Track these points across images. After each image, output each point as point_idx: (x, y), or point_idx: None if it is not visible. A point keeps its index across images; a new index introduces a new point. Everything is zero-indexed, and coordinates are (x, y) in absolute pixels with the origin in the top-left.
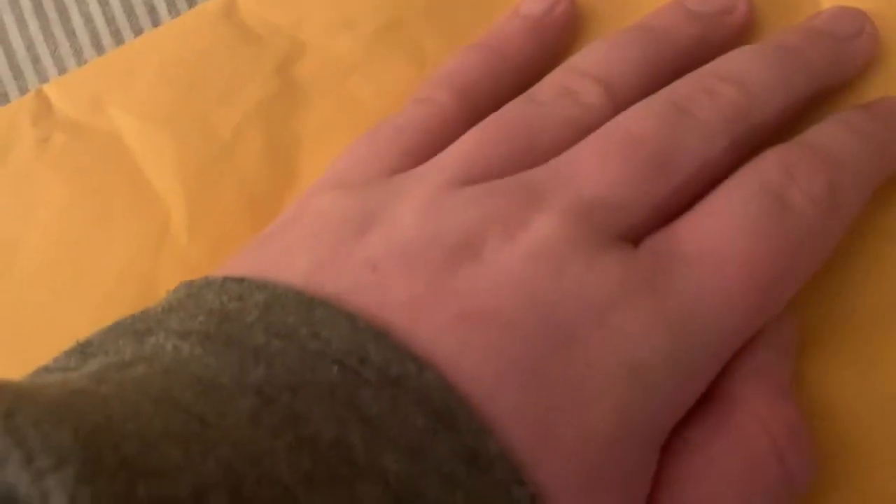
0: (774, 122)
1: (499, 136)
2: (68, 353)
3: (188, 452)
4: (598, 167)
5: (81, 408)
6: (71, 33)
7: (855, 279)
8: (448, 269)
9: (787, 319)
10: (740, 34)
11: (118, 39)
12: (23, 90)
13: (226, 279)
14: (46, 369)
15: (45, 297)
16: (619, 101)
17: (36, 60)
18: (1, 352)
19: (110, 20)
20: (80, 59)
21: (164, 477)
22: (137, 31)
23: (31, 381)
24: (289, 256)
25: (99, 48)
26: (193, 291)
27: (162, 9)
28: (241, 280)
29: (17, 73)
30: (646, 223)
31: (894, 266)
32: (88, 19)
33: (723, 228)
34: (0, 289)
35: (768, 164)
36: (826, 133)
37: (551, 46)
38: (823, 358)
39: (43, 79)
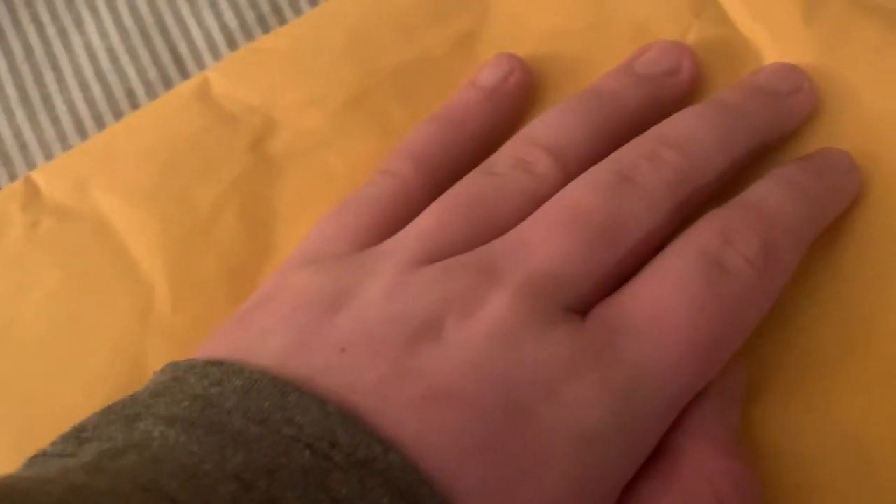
0: (717, 181)
1: (458, 211)
2: (65, 438)
3: None
4: (546, 242)
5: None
6: (55, 119)
7: (801, 324)
8: (411, 349)
9: (733, 368)
10: (687, 92)
11: (100, 124)
12: (12, 176)
13: (206, 363)
14: (45, 454)
15: (39, 376)
16: (571, 169)
17: (23, 147)
18: None
19: (91, 104)
20: (65, 144)
21: None
22: (118, 115)
23: (33, 476)
24: (263, 338)
25: (82, 133)
26: (178, 375)
27: (140, 92)
28: (220, 364)
29: (6, 160)
30: (593, 292)
31: (840, 309)
32: (71, 105)
33: (664, 297)
34: None
35: (706, 229)
36: (762, 191)
37: (507, 115)
38: (775, 401)
39: (31, 164)
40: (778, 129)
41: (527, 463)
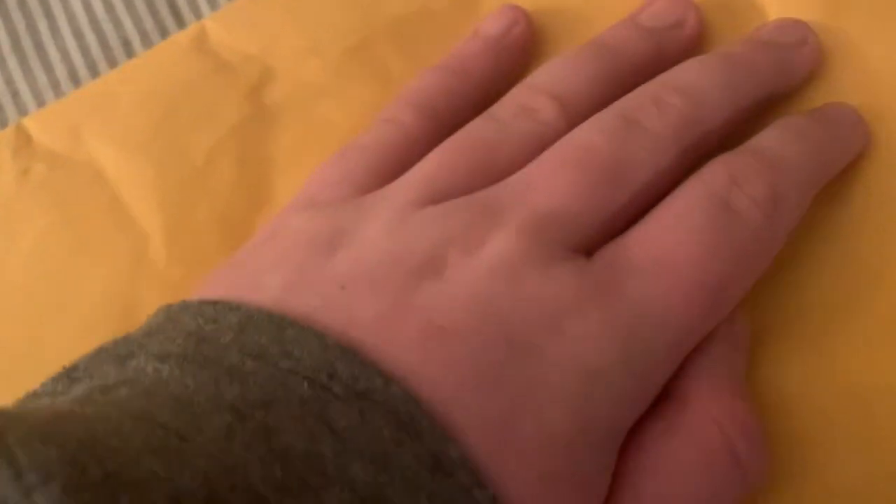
0: (722, 129)
1: (460, 155)
2: (55, 379)
3: (167, 464)
4: (551, 182)
5: (66, 428)
6: (48, 67)
7: (807, 276)
8: (412, 286)
9: (739, 317)
10: (691, 47)
11: (94, 72)
12: (3, 123)
13: (201, 302)
14: (35, 394)
15: (28, 322)
16: (574, 117)
17: (15, 94)
18: None
19: (86, 53)
20: (59, 93)
21: (144, 488)
22: (113, 64)
23: (20, 406)
24: (260, 277)
25: (76, 81)
26: (172, 315)
27: (136, 41)
28: (215, 303)
29: None
30: (599, 235)
31: (845, 262)
32: (65, 54)
33: (672, 236)
34: None
35: (714, 172)
36: (769, 138)
37: (510, 66)
38: (779, 353)
39: (22, 112)
40: (782, 82)
41: (529, 397)
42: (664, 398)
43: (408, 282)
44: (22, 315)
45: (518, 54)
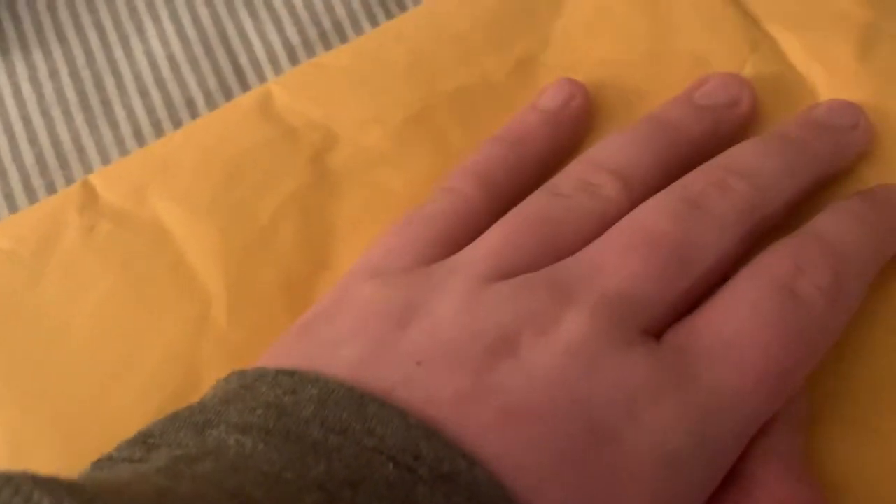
0: (783, 210)
1: (525, 228)
2: (131, 443)
3: None
4: (621, 264)
5: None
6: (114, 124)
7: (857, 356)
8: (489, 365)
9: (798, 397)
10: (745, 125)
11: (159, 131)
12: (69, 180)
13: (278, 372)
14: (111, 458)
15: (90, 380)
16: (636, 194)
17: (81, 151)
18: (50, 433)
19: (150, 111)
20: (123, 150)
21: None
22: (177, 123)
23: (111, 478)
24: (334, 348)
25: (141, 139)
26: (247, 383)
27: (199, 101)
28: (292, 373)
29: (64, 164)
30: (666, 315)
31: (892, 341)
32: (130, 111)
33: (739, 321)
34: (50, 372)
35: (778, 257)
36: (828, 223)
37: (567, 139)
38: (831, 433)
39: (88, 169)
40: (837, 163)
41: (610, 483)
42: (729, 479)
43: (484, 360)
44: (86, 373)
45: (576, 127)
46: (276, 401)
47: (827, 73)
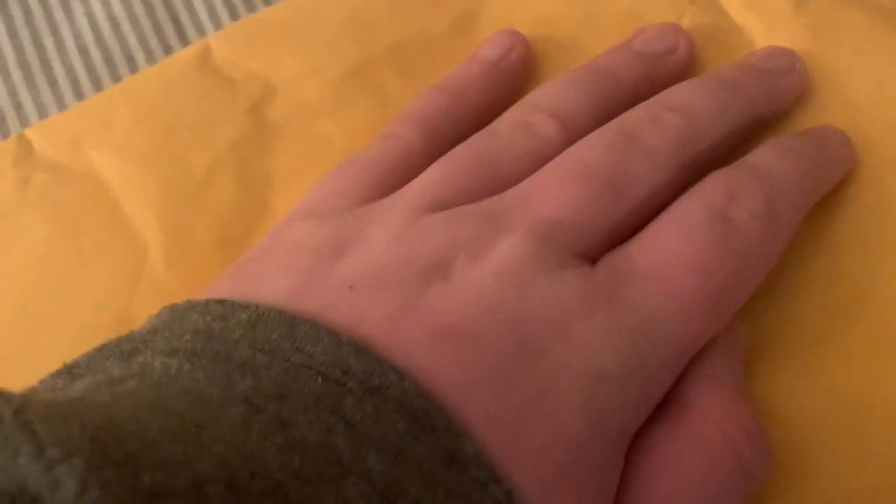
0: (716, 147)
1: (463, 166)
2: (55, 375)
3: (185, 449)
4: (556, 192)
5: (84, 409)
6: (53, 82)
7: (797, 291)
8: (420, 288)
9: (735, 327)
10: (681, 72)
11: (98, 88)
12: (5, 135)
13: (209, 301)
14: (33, 390)
15: (25, 330)
16: (572, 134)
17: (18, 107)
18: None
19: (90, 69)
20: (62, 107)
21: (165, 470)
22: (117, 81)
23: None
24: (267, 280)
25: (80, 96)
26: (177, 313)
27: (140, 58)
28: (223, 301)
29: (0, 120)
30: (602, 244)
31: (833, 280)
32: (70, 69)
33: (673, 246)
34: None
35: (712, 186)
36: (764, 156)
37: (507, 89)
38: (771, 365)
39: (25, 124)
40: (772, 105)
41: (538, 397)
42: (667, 403)
43: (416, 283)
44: (19, 323)
45: (515, 77)
46: (205, 327)
47: (763, 23)
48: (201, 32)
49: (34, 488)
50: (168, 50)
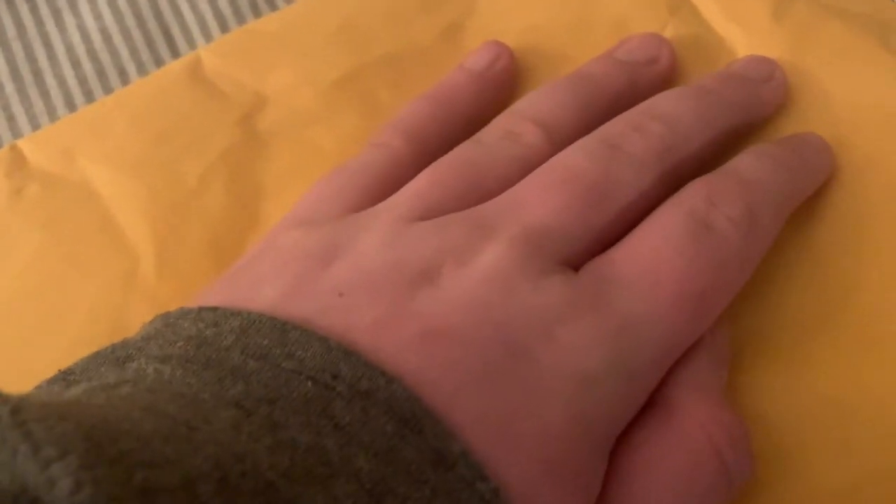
0: (699, 155)
1: (450, 174)
2: (51, 381)
3: (178, 449)
4: (540, 200)
5: (79, 411)
6: (45, 94)
7: (781, 293)
8: (409, 293)
9: (720, 331)
10: (664, 82)
11: (91, 100)
12: None
13: (201, 309)
14: (30, 395)
15: (18, 340)
16: (557, 141)
17: (10, 119)
18: None
19: (82, 81)
20: (54, 118)
21: (157, 468)
22: (109, 93)
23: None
24: (258, 286)
25: (72, 108)
26: (170, 321)
27: (132, 70)
28: (214, 309)
29: None
30: (585, 250)
31: (817, 281)
32: (62, 81)
33: (655, 251)
34: None
35: (693, 192)
36: (744, 162)
37: (493, 97)
38: (756, 365)
39: (17, 136)
40: (752, 113)
41: (526, 399)
42: (651, 405)
43: (405, 289)
44: (12, 333)
45: (501, 87)
46: (197, 334)
47: (744, 32)
48: (192, 45)
49: (33, 487)
50: (159, 62)
